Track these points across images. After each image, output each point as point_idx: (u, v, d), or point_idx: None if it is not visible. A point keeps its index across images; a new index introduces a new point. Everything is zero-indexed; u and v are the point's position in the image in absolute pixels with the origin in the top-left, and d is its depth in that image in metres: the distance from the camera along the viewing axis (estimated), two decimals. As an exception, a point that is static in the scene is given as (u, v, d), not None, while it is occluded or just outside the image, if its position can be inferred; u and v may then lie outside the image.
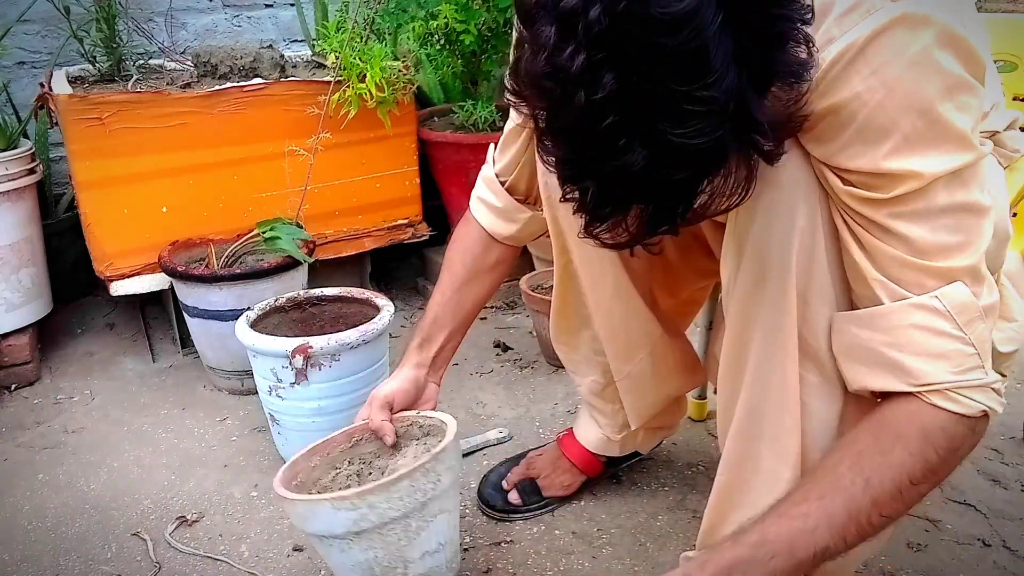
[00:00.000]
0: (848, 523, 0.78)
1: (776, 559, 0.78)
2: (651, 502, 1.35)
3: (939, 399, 0.77)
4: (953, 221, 0.75)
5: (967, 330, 0.76)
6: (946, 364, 0.76)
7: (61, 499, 1.41)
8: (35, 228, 1.85)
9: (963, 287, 0.76)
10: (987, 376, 0.77)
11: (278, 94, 1.83)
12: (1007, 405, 0.81)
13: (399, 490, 0.98)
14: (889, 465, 0.78)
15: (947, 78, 0.71)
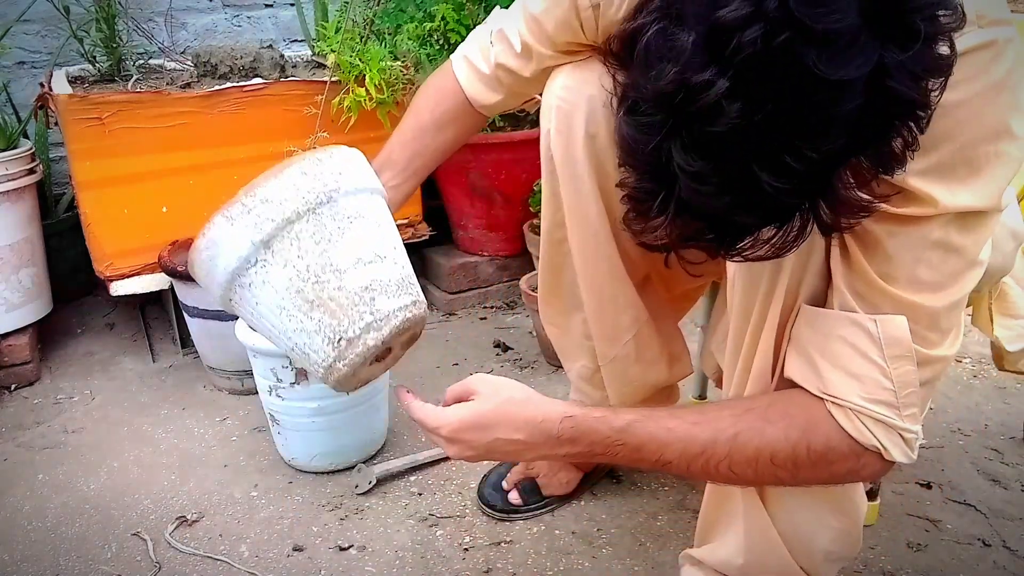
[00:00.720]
0: (698, 456, 0.82)
1: (622, 447, 0.84)
2: (651, 502, 1.35)
3: (839, 413, 0.78)
4: (938, 259, 0.74)
5: (890, 364, 0.75)
6: (858, 386, 0.77)
7: (61, 499, 1.41)
8: (35, 228, 1.85)
9: (903, 322, 0.75)
10: (897, 420, 0.76)
11: (278, 94, 1.83)
12: (1002, 409, 0.82)
13: (290, 176, 0.90)
14: (760, 434, 0.80)
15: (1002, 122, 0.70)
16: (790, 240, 0.68)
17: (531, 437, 0.86)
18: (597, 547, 1.25)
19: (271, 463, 1.49)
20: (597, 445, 0.86)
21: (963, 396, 1.66)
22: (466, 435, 0.88)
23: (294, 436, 1.43)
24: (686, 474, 0.85)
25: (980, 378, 1.71)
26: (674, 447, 0.83)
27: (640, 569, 1.21)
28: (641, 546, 1.25)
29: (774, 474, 0.81)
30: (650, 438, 0.84)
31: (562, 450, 0.87)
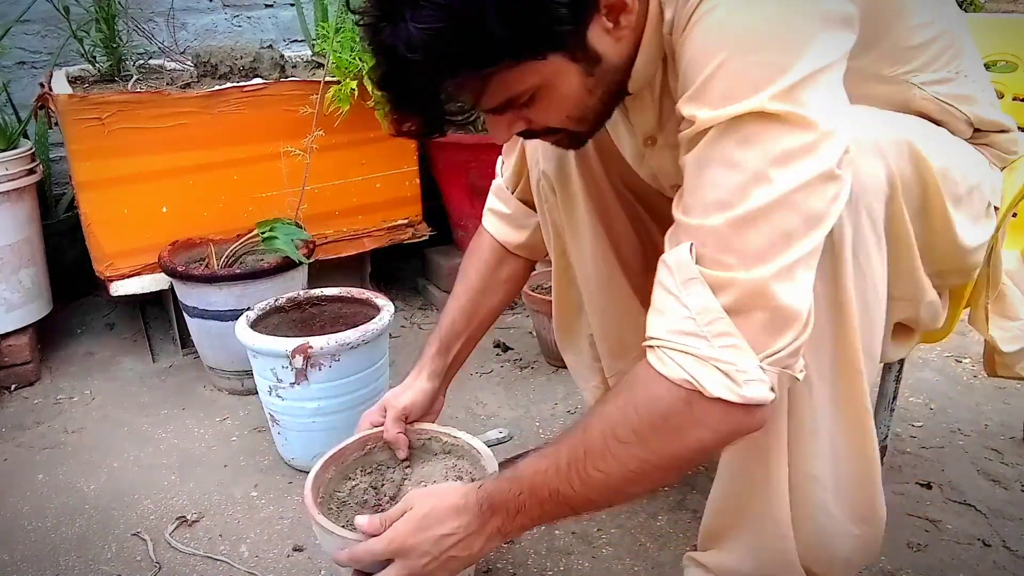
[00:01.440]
0: (569, 470, 0.80)
1: (522, 495, 0.84)
2: (651, 502, 1.35)
3: (650, 354, 0.75)
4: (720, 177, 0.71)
5: (682, 289, 0.72)
6: (663, 320, 0.74)
7: (61, 499, 1.41)
8: (35, 228, 1.85)
9: (686, 246, 0.72)
10: (705, 349, 0.71)
11: (278, 94, 1.83)
12: (1002, 409, 0.81)
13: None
14: (600, 415, 0.79)
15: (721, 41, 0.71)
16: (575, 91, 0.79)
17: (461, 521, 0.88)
18: (597, 547, 1.25)
19: (271, 463, 1.49)
20: (509, 503, 0.85)
21: (963, 396, 1.66)
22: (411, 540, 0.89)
23: (294, 436, 1.43)
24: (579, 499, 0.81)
25: (980, 378, 1.71)
26: (550, 472, 0.81)
27: (640, 569, 1.21)
28: (641, 546, 1.25)
29: (629, 454, 0.76)
30: (534, 473, 0.83)
31: (492, 523, 0.87)
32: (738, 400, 0.71)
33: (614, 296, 1.18)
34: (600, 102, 0.84)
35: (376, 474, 1.17)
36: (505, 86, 0.77)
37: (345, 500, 1.12)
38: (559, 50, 0.76)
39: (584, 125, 0.87)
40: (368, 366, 1.43)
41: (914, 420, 1.58)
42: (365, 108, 1.85)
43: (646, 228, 1.19)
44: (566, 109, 0.83)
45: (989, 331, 1.08)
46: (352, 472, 1.16)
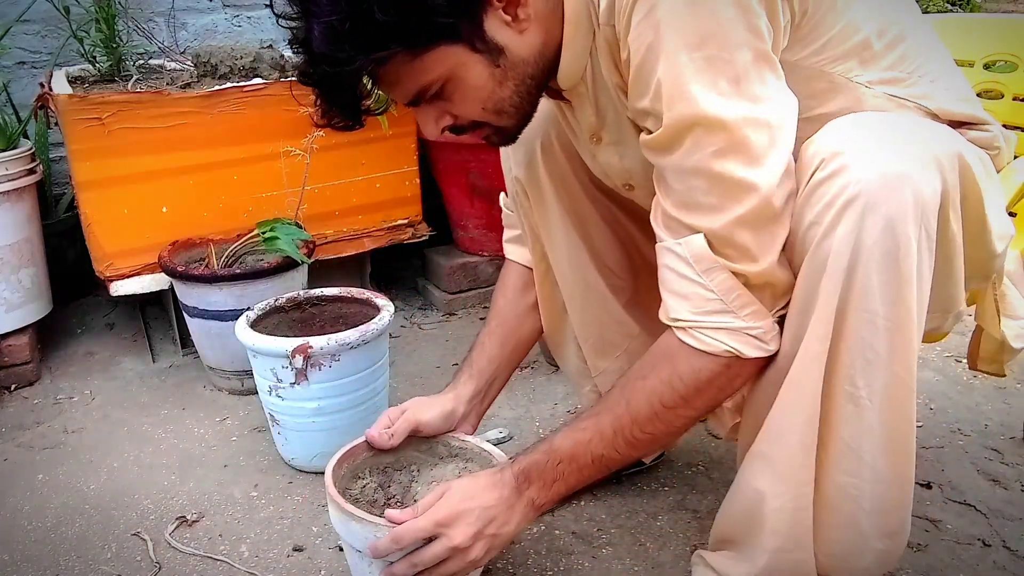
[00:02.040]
0: (616, 437, 0.91)
1: (562, 464, 0.93)
2: (651, 502, 1.35)
3: (683, 335, 0.86)
4: (705, 184, 0.80)
5: (705, 277, 0.82)
6: (687, 304, 0.84)
7: (61, 499, 1.41)
8: (35, 228, 1.85)
9: (698, 239, 0.82)
10: (736, 321, 0.83)
11: (278, 94, 1.83)
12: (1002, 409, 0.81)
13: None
14: (643, 389, 0.89)
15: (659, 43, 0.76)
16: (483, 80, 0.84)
17: (500, 493, 0.94)
18: (597, 547, 1.25)
19: (271, 463, 1.49)
20: (547, 474, 0.94)
21: (963, 396, 1.66)
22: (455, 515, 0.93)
23: (294, 436, 1.43)
24: (621, 458, 0.93)
25: (980, 378, 1.71)
26: (595, 441, 0.92)
27: (640, 569, 1.21)
28: (641, 546, 1.25)
29: (677, 415, 0.89)
30: (574, 443, 0.93)
31: (528, 494, 0.95)
32: (766, 355, 0.86)
33: (592, 296, 1.19)
34: (515, 94, 0.87)
35: (384, 475, 1.17)
36: (411, 76, 0.84)
37: (357, 497, 1.13)
38: (454, 41, 0.81)
39: (505, 119, 0.90)
40: (368, 366, 1.43)
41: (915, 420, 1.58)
42: (365, 108, 1.85)
43: (623, 227, 1.19)
44: (479, 100, 0.87)
45: (1001, 326, 1.07)
46: (362, 471, 1.17)
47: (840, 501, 0.89)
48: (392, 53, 0.79)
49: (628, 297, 1.21)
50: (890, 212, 0.77)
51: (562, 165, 1.12)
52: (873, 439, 0.85)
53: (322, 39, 0.78)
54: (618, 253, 1.20)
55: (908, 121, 0.87)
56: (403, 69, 0.82)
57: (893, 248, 0.78)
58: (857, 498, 0.88)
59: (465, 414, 1.19)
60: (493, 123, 0.91)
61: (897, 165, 0.78)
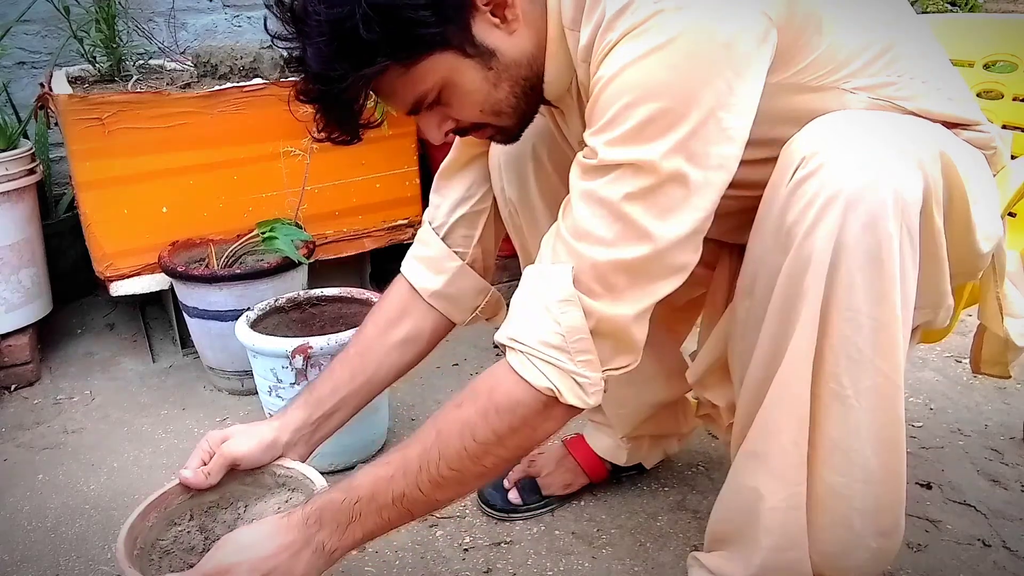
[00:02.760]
0: (420, 472, 0.84)
1: (360, 503, 0.85)
2: (651, 502, 1.35)
3: (513, 357, 0.82)
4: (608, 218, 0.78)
5: (557, 307, 0.80)
6: (533, 329, 0.81)
7: (61, 499, 1.41)
8: (35, 228, 1.85)
9: (567, 270, 0.80)
10: (568, 363, 0.80)
11: (278, 94, 1.83)
12: (1002, 409, 0.81)
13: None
14: (456, 419, 0.84)
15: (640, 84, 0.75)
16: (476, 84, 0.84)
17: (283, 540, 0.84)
18: (597, 547, 1.25)
19: (271, 463, 1.49)
20: (341, 515, 0.85)
21: (963, 396, 1.66)
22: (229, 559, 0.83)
23: (294, 436, 1.43)
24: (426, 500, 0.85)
25: (980, 378, 1.70)
26: (397, 477, 0.84)
27: (640, 569, 1.21)
28: (641, 546, 1.25)
29: (488, 452, 0.84)
30: (375, 480, 0.85)
31: (318, 537, 0.85)
32: (582, 406, 0.83)
33: None
34: (511, 95, 0.88)
35: (207, 517, 1.03)
36: (407, 87, 0.84)
37: (169, 548, 0.99)
38: (444, 48, 0.81)
39: (504, 119, 0.90)
40: (368, 366, 1.42)
41: (914, 420, 1.58)
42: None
43: None
44: (476, 104, 0.87)
45: (1004, 324, 1.07)
46: (178, 517, 1.02)
47: (832, 500, 0.88)
48: (382, 68, 0.79)
49: None
50: (871, 210, 0.76)
51: (554, 183, 1.11)
52: (862, 438, 0.85)
53: (314, 59, 0.80)
54: None
55: (890, 119, 0.86)
56: (397, 81, 0.83)
57: (875, 246, 0.77)
58: (849, 497, 0.88)
59: (291, 443, 1.06)
60: (494, 123, 0.91)
61: (877, 162, 0.77)
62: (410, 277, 1.13)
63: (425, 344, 1.14)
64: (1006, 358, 1.12)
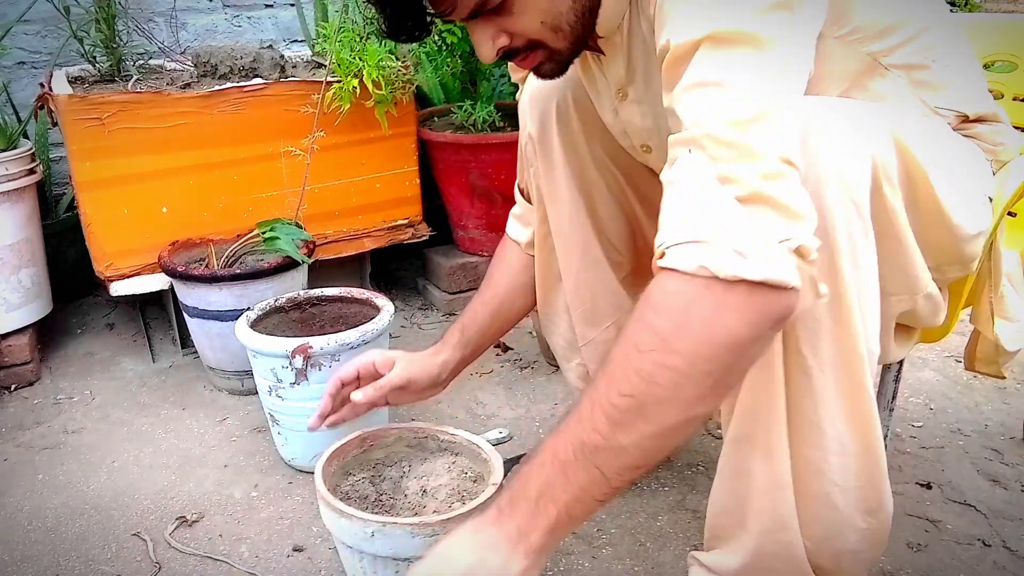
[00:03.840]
0: (593, 410, 0.72)
1: (543, 466, 0.74)
2: (651, 502, 1.35)
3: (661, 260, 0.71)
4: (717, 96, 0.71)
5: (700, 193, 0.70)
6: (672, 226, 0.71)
7: (61, 499, 1.41)
8: (35, 228, 1.85)
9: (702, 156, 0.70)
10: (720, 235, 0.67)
11: (278, 94, 1.83)
12: (1002, 409, 0.81)
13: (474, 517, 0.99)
14: (618, 341, 0.73)
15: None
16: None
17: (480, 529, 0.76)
18: (597, 547, 1.25)
19: (271, 463, 1.49)
20: (531, 482, 0.74)
21: (963, 396, 1.66)
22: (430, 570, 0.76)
23: (294, 436, 1.43)
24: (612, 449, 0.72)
25: (980, 378, 1.71)
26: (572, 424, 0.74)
27: (640, 569, 1.21)
28: (641, 546, 1.25)
29: (654, 363, 0.69)
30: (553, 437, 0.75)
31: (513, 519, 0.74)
32: (757, 278, 0.67)
33: (589, 260, 1.20)
34: (572, 11, 0.87)
35: (374, 471, 1.19)
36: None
37: (348, 493, 1.14)
38: None
39: (561, 39, 0.89)
40: (368, 366, 1.43)
41: (914, 420, 1.58)
42: (365, 108, 1.85)
43: (629, 204, 1.21)
44: (540, 12, 0.85)
45: (994, 328, 1.07)
46: (352, 468, 1.18)
47: (810, 476, 0.88)
48: None
49: (625, 274, 1.22)
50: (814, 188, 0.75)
51: (575, 130, 1.13)
52: (829, 408, 0.85)
53: None
54: (621, 228, 1.21)
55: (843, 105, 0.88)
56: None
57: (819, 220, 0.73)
58: (826, 472, 0.87)
59: (446, 380, 1.22)
60: (549, 43, 0.89)
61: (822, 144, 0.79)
62: (510, 234, 1.28)
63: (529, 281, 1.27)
64: (998, 359, 1.12)
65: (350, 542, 1.02)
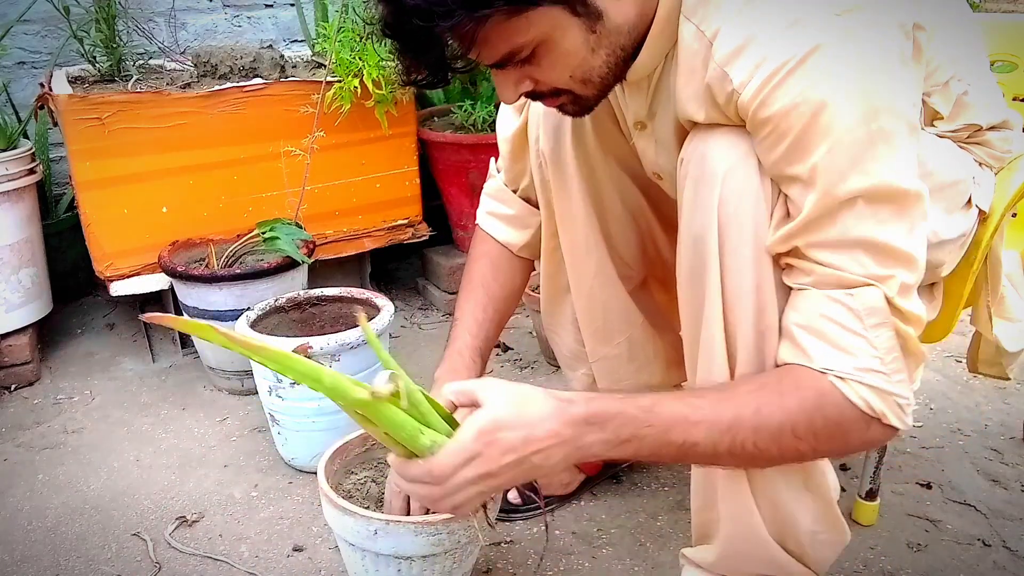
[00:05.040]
0: (725, 434, 0.81)
1: (651, 428, 0.81)
2: (651, 502, 1.35)
3: (840, 383, 0.80)
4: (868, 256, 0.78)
5: (871, 331, 0.79)
6: (847, 358, 0.79)
7: (61, 499, 1.41)
8: (35, 228, 1.85)
9: (879, 292, 0.78)
10: (888, 384, 0.79)
11: (278, 94, 1.83)
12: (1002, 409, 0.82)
13: (477, 519, 0.99)
14: (780, 407, 0.81)
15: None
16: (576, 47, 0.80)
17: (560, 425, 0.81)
18: (597, 547, 1.25)
19: (271, 463, 1.49)
20: (625, 428, 0.81)
21: (963, 396, 1.66)
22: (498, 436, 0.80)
23: (294, 436, 1.43)
24: (711, 456, 0.83)
25: (980, 378, 1.71)
26: (701, 426, 0.81)
27: (640, 569, 1.21)
28: (641, 546, 1.25)
29: (796, 447, 0.82)
30: (678, 418, 0.82)
31: (590, 436, 0.81)
32: (902, 427, 0.82)
33: (602, 281, 1.18)
34: (605, 64, 0.84)
35: (377, 470, 1.18)
36: (505, 37, 0.78)
37: (350, 492, 1.14)
38: (556, 2, 0.77)
39: (589, 88, 0.87)
40: (368, 366, 1.42)
41: (914, 420, 1.58)
42: (365, 108, 1.85)
43: (644, 216, 1.18)
44: (569, 67, 0.83)
45: (993, 330, 1.07)
46: (355, 466, 1.18)
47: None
48: (495, 11, 0.74)
49: (634, 286, 1.21)
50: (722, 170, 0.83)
51: (590, 145, 1.09)
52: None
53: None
54: (632, 241, 1.19)
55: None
56: (498, 28, 0.77)
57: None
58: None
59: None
60: (576, 91, 0.88)
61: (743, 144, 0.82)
62: (499, 238, 1.24)
63: (523, 286, 1.27)
64: (1001, 360, 1.13)
65: (353, 540, 1.02)
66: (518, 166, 1.21)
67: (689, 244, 0.88)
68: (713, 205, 0.83)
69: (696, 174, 0.85)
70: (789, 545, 0.94)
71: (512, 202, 1.24)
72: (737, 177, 0.82)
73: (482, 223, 1.26)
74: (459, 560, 1.06)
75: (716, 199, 0.83)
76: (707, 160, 0.84)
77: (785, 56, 0.74)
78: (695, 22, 0.81)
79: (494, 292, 1.21)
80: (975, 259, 1.02)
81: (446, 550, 1.01)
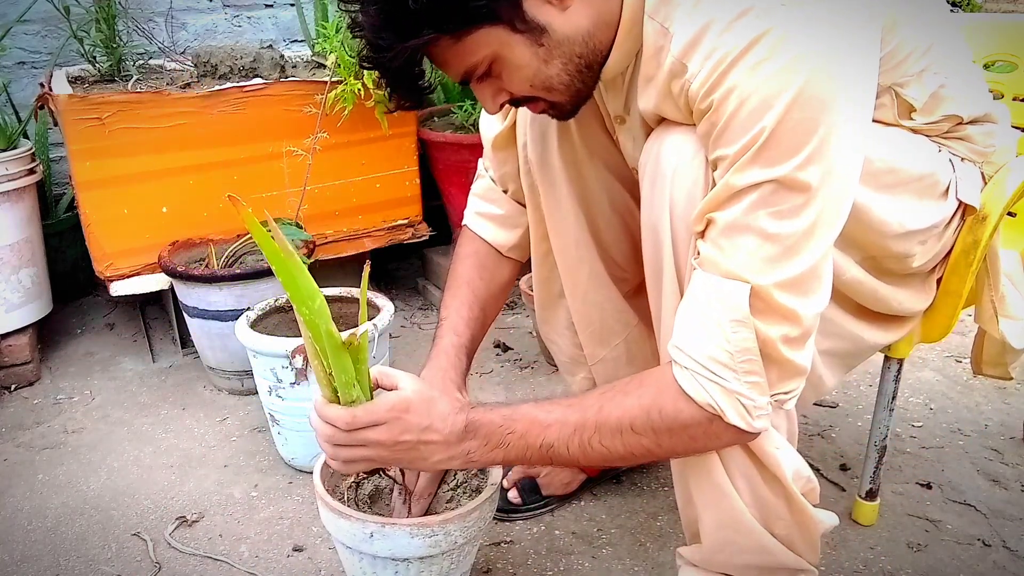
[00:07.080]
0: (573, 435, 0.88)
1: (512, 435, 0.90)
2: (651, 502, 1.35)
3: (680, 372, 0.83)
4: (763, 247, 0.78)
5: (730, 326, 0.79)
6: (701, 344, 0.81)
7: (61, 499, 1.41)
8: (35, 228, 1.85)
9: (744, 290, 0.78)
10: (736, 382, 0.80)
11: (278, 94, 1.83)
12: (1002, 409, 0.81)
13: (472, 519, 1.01)
14: (619, 404, 0.87)
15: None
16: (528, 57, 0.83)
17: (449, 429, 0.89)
18: (597, 547, 1.25)
19: (271, 463, 1.49)
20: (493, 435, 0.90)
21: (963, 396, 1.66)
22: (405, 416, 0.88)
23: (294, 436, 1.43)
24: (568, 457, 0.89)
25: (980, 378, 1.71)
26: (552, 429, 0.88)
27: (640, 569, 1.21)
28: (641, 546, 1.25)
29: (639, 443, 0.86)
30: (532, 422, 0.89)
31: (468, 443, 0.90)
32: (748, 429, 0.83)
33: (595, 284, 1.18)
34: (563, 72, 0.87)
35: (372, 473, 1.17)
36: (456, 59, 0.84)
37: (346, 494, 1.13)
38: (493, 23, 0.81)
39: (556, 95, 0.90)
40: (368, 366, 1.42)
41: (914, 420, 1.58)
42: (366, 108, 1.85)
43: (633, 217, 1.17)
44: (527, 79, 0.87)
45: (1000, 327, 1.07)
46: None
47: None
48: (429, 39, 0.80)
49: (630, 288, 1.21)
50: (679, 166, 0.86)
51: (577, 148, 1.10)
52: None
53: (367, 26, 0.81)
54: (624, 244, 1.19)
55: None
56: (448, 52, 0.83)
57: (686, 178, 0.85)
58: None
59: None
60: (546, 98, 0.91)
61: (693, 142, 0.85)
62: (488, 238, 1.24)
63: (512, 284, 1.27)
64: (1005, 359, 1.12)
65: (349, 543, 1.02)
66: (506, 168, 1.21)
67: (650, 240, 0.91)
68: (665, 203, 0.86)
69: (652, 173, 0.89)
70: (777, 530, 0.94)
71: (502, 202, 1.23)
72: (686, 176, 0.84)
73: (470, 223, 1.26)
74: (456, 561, 1.06)
75: (667, 197, 0.86)
76: (660, 159, 0.87)
77: (729, 46, 0.75)
78: (659, 20, 0.83)
79: (480, 291, 1.20)
80: (974, 258, 1.01)
81: (443, 551, 1.01)
